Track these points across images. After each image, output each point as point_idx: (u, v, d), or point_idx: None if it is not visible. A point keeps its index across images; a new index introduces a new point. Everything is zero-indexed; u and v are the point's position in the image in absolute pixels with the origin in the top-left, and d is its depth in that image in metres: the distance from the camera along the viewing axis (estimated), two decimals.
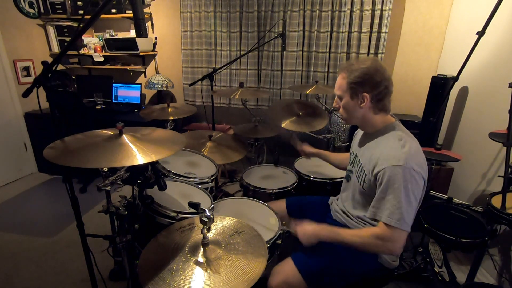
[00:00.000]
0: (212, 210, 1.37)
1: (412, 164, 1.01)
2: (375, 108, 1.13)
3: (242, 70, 3.20)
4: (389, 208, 1.02)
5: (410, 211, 1.02)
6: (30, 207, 2.69)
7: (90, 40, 3.36)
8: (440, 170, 2.22)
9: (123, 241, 1.18)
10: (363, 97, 1.11)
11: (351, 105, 1.14)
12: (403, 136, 1.09)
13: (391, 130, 1.13)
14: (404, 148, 1.04)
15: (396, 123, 1.16)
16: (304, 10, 2.86)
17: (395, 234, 1.02)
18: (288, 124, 2.17)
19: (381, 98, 1.11)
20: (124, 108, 3.23)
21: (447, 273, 1.73)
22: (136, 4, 2.73)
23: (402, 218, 1.01)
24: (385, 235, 1.03)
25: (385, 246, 1.05)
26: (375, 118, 1.15)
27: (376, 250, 1.10)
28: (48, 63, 1.08)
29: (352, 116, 1.17)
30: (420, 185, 1.04)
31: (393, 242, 1.03)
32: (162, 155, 1.00)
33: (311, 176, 1.81)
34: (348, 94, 1.13)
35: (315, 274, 1.15)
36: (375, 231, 1.06)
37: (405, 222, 1.01)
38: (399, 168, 1.01)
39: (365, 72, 1.08)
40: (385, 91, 1.10)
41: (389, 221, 1.02)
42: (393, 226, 1.01)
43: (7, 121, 3.07)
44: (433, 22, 2.72)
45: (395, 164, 1.02)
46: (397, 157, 1.02)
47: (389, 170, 1.02)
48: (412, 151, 1.05)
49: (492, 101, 1.96)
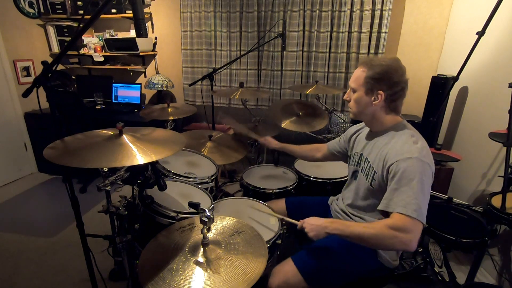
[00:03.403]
0: (212, 210, 1.37)
1: (425, 158, 1.01)
2: (387, 107, 1.12)
3: (242, 70, 3.20)
4: (405, 199, 0.98)
5: (425, 203, 0.99)
6: (30, 207, 2.69)
7: (90, 40, 3.36)
8: (440, 170, 2.22)
9: (123, 241, 1.18)
10: (377, 94, 1.09)
11: (363, 101, 1.13)
12: (415, 134, 1.10)
13: (402, 128, 1.13)
14: (417, 144, 1.05)
15: (406, 123, 1.16)
16: (304, 10, 2.86)
17: (411, 225, 0.95)
18: (288, 124, 2.17)
19: (395, 99, 1.10)
20: (124, 108, 3.23)
21: (447, 273, 1.73)
22: (136, 4, 2.72)
23: (419, 208, 0.96)
24: (400, 225, 0.96)
25: (400, 238, 0.95)
26: (385, 118, 1.14)
27: (390, 242, 0.97)
28: (48, 63, 1.09)
29: (362, 112, 1.16)
30: (432, 180, 1.04)
31: (408, 233, 0.95)
32: (162, 155, 1.00)
33: (311, 176, 1.81)
34: (364, 89, 1.12)
35: (315, 274, 1.15)
36: (389, 222, 0.98)
37: (422, 213, 0.96)
38: (414, 160, 1.00)
39: (385, 70, 1.07)
40: (401, 92, 1.10)
41: (405, 211, 0.96)
42: (409, 215, 0.95)
43: (7, 121, 3.07)
44: (433, 22, 2.72)
45: (409, 156, 1.01)
46: (411, 151, 1.02)
47: (403, 162, 1.01)
48: (425, 147, 1.05)
49: (492, 101, 1.96)
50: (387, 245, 1.00)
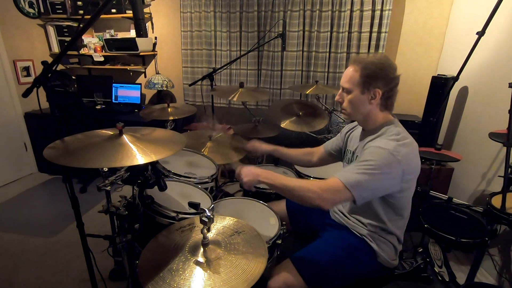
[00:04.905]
0: (212, 210, 1.37)
1: (397, 154, 0.99)
2: (382, 105, 1.11)
3: (242, 70, 3.20)
4: (349, 170, 1.02)
5: (369, 185, 0.99)
6: (30, 207, 2.69)
7: (90, 40, 3.36)
8: (440, 170, 2.22)
9: (123, 241, 1.18)
10: (375, 92, 1.07)
11: (360, 100, 1.10)
12: (401, 132, 1.09)
13: (392, 127, 1.12)
14: (398, 142, 1.03)
15: (396, 121, 1.15)
16: (304, 10, 2.86)
17: (338, 187, 0.98)
18: (288, 124, 2.17)
19: (391, 96, 1.10)
20: (124, 108, 3.23)
21: (447, 273, 1.73)
22: (136, 4, 2.73)
23: (357, 183, 0.97)
24: (328, 185, 1.00)
25: (320, 194, 0.99)
26: (379, 116, 1.13)
27: (311, 196, 1.00)
28: (48, 63, 1.09)
29: (358, 111, 1.14)
30: (394, 174, 1.00)
31: (330, 193, 0.99)
32: (162, 155, 1.00)
33: (311, 175, 1.81)
34: (359, 88, 1.09)
35: (315, 275, 1.15)
36: (321, 182, 1.03)
37: (356, 187, 0.97)
38: (383, 150, 1.00)
39: (380, 67, 1.06)
40: (395, 89, 1.10)
41: (340, 176, 1.00)
42: (342, 181, 0.98)
43: (7, 121, 3.07)
44: (433, 22, 2.72)
45: (381, 146, 1.01)
46: (386, 144, 1.02)
47: (372, 148, 1.03)
48: (405, 144, 1.03)
49: (492, 101, 1.96)
50: (307, 197, 1.01)
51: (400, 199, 1.11)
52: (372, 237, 1.18)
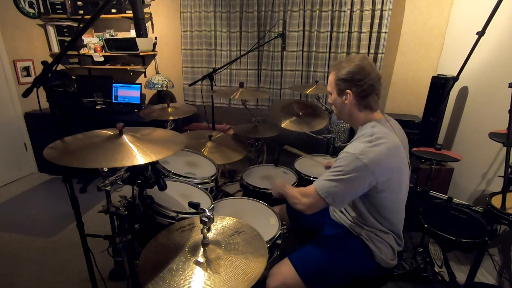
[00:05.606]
0: (212, 210, 1.37)
1: (363, 155, 1.03)
2: (359, 105, 1.16)
3: (242, 70, 3.20)
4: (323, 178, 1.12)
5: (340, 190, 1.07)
6: (30, 207, 2.69)
7: (90, 40, 3.36)
8: (440, 170, 2.21)
9: (123, 241, 1.18)
10: (347, 93, 1.15)
11: (338, 102, 1.21)
12: (376, 132, 1.09)
13: (368, 127, 1.13)
14: (369, 143, 1.06)
15: (379, 121, 1.15)
16: (304, 10, 2.86)
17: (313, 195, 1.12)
18: (288, 124, 2.17)
19: (365, 96, 1.13)
20: (124, 108, 3.23)
21: (447, 273, 1.73)
22: (136, 4, 2.73)
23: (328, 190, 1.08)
24: (306, 192, 1.16)
25: (300, 200, 1.17)
26: (359, 116, 1.18)
27: (295, 201, 1.20)
28: (48, 63, 1.09)
29: (340, 112, 1.23)
30: (363, 177, 1.04)
31: (308, 198, 1.14)
32: (162, 155, 1.00)
33: (311, 176, 1.81)
34: (336, 91, 1.20)
35: (313, 275, 1.15)
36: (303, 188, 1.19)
37: (329, 194, 1.08)
38: (349, 155, 1.06)
39: (350, 71, 1.12)
40: (370, 89, 1.12)
41: (316, 184, 1.13)
42: (314, 187, 1.12)
43: (7, 121, 3.07)
44: (433, 22, 2.72)
45: (349, 151, 1.07)
46: (354, 148, 1.07)
47: (341, 154, 1.10)
48: (377, 145, 1.05)
49: (492, 101, 1.96)
50: (294, 203, 1.22)
51: (382, 200, 1.11)
52: (369, 236, 1.19)
